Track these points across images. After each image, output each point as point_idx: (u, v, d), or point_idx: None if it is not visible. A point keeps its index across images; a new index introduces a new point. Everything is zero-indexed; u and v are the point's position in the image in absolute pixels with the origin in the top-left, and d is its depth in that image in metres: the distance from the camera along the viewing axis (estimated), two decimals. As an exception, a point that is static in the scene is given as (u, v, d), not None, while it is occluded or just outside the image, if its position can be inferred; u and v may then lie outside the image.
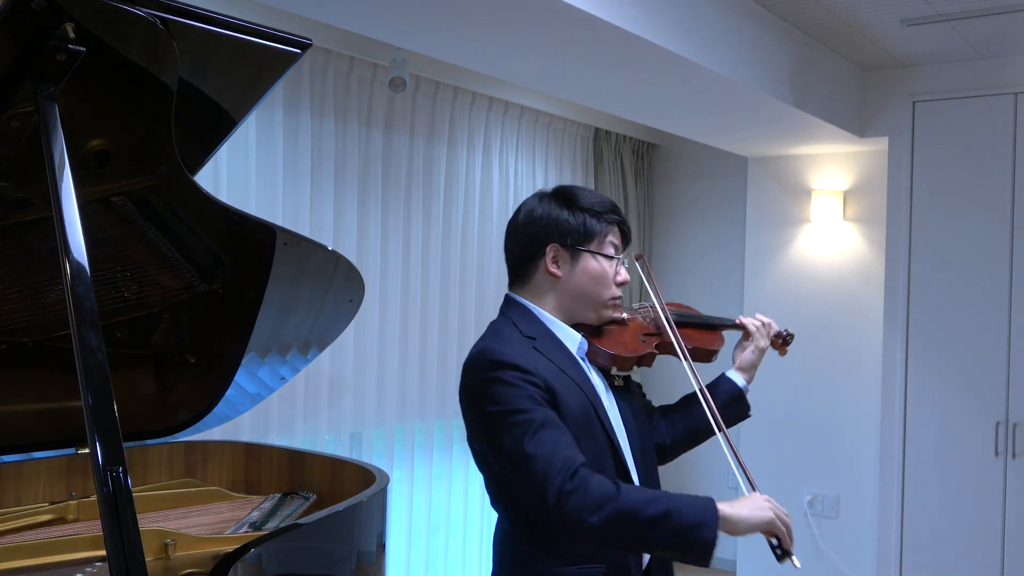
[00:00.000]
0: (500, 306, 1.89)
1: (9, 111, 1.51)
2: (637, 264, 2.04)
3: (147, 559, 1.67)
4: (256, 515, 2.35)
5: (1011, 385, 4.22)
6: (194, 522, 2.30)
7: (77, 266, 1.36)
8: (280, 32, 1.69)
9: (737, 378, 2.06)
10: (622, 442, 1.82)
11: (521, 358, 1.70)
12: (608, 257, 1.83)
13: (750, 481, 1.77)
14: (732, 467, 1.80)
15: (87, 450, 1.40)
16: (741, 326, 2.10)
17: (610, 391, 1.89)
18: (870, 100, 4.64)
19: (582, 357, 1.85)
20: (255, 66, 1.76)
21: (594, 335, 1.89)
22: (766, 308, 2.63)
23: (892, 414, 4.47)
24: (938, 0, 3.59)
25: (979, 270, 4.29)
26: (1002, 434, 4.23)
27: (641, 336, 1.94)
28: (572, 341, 1.84)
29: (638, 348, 1.90)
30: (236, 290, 2.19)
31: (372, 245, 3.84)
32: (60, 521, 2.25)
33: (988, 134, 4.29)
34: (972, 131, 4.33)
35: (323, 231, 3.62)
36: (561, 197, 1.84)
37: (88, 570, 1.93)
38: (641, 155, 5.54)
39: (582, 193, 1.85)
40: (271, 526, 2.26)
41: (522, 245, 1.84)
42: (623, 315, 1.95)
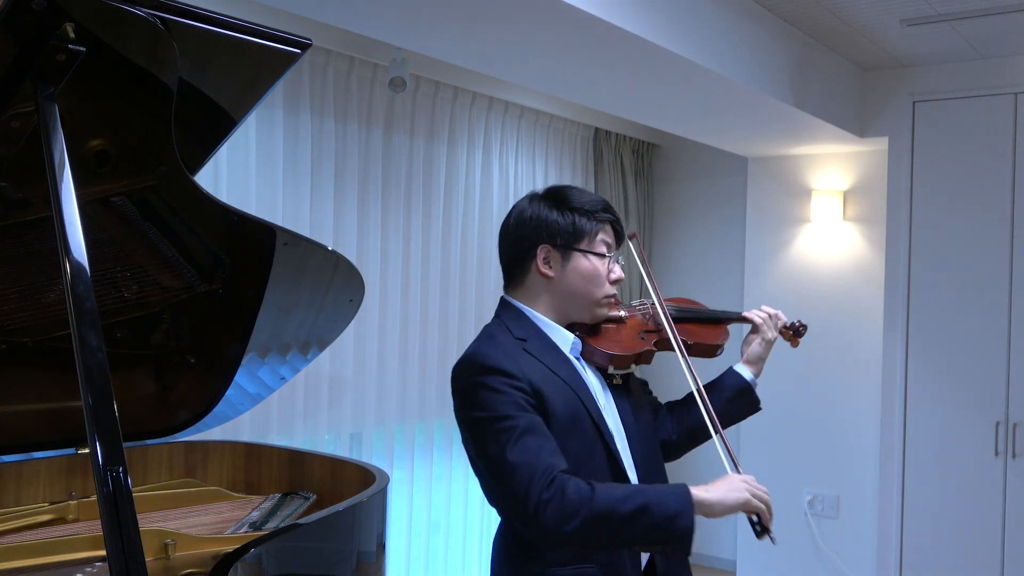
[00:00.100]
0: (496, 309, 1.89)
1: (9, 111, 1.51)
2: (631, 244, 2.02)
3: (147, 559, 1.67)
4: (256, 515, 2.35)
5: (1011, 385, 4.22)
6: (194, 522, 2.30)
7: (77, 266, 1.36)
8: (280, 32, 1.69)
9: (744, 372, 2.06)
10: (618, 441, 1.81)
11: (508, 362, 1.70)
12: (600, 255, 1.82)
13: (734, 461, 1.78)
14: (719, 450, 1.81)
15: (87, 450, 1.40)
16: (747, 319, 2.09)
17: (608, 390, 1.88)
18: (870, 100, 4.65)
19: (577, 357, 1.85)
20: (255, 66, 1.76)
21: (590, 334, 1.88)
22: (766, 308, 2.61)
23: (892, 414, 4.47)
24: (938, 0, 3.59)
25: (979, 270, 4.29)
26: (1002, 434, 4.23)
27: (640, 333, 1.93)
28: (565, 341, 1.83)
29: (635, 346, 1.90)
30: (236, 290, 2.19)
31: (372, 245, 3.84)
32: (60, 521, 2.25)
33: (988, 134, 4.29)
34: (972, 131, 4.33)
35: (323, 231, 3.61)
36: (551, 198, 1.84)
37: (88, 570, 1.93)
38: (641, 155, 5.54)
39: (572, 193, 1.85)
40: (271, 526, 2.26)
41: (513, 247, 1.85)
42: (620, 313, 1.94)
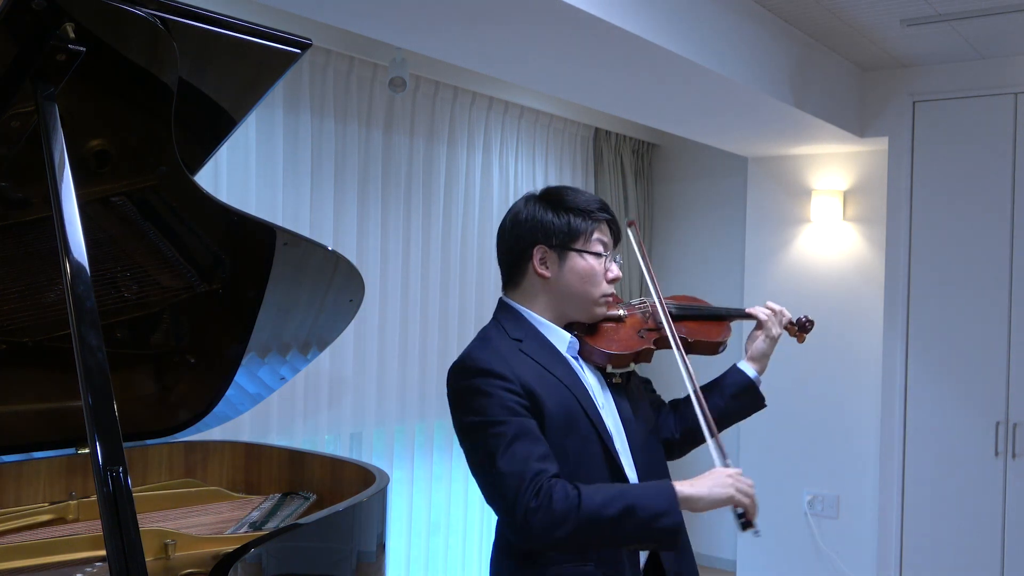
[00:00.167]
0: (494, 310, 1.90)
1: (9, 111, 1.51)
2: (629, 232, 2.02)
3: (147, 559, 1.67)
4: (256, 515, 2.35)
5: (1011, 385, 4.22)
6: (194, 522, 2.30)
7: (77, 266, 1.36)
8: (280, 32, 1.69)
9: (748, 369, 2.06)
10: (617, 441, 1.81)
11: (500, 364, 1.71)
12: (596, 254, 1.83)
13: (723, 453, 1.79)
14: (708, 443, 1.83)
15: (87, 450, 1.40)
16: (751, 316, 2.09)
17: (607, 389, 1.88)
18: (870, 100, 4.64)
19: (574, 356, 1.85)
20: (255, 66, 1.76)
21: (588, 333, 1.88)
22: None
23: (892, 414, 4.47)
24: (938, 0, 3.59)
25: (979, 270, 4.29)
26: (1002, 434, 4.23)
27: (639, 332, 1.93)
28: (561, 341, 1.84)
29: (634, 345, 1.89)
30: (236, 290, 2.19)
31: (372, 245, 3.84)
32: (60, 521, 2.25)
33: (988, 134, 4.29)
34: (972, 131, 4.33)
35: (323, 231, 3.61)
36: (546, 199, 1.85)
37: (88, 570, 1.93)
38: (641, 155, 5.54)
39: (567, 193, 1.86)
40: (271, 526, 2.26)
41: (510, 248, 1.86)
42: (620, 312, 1.94)
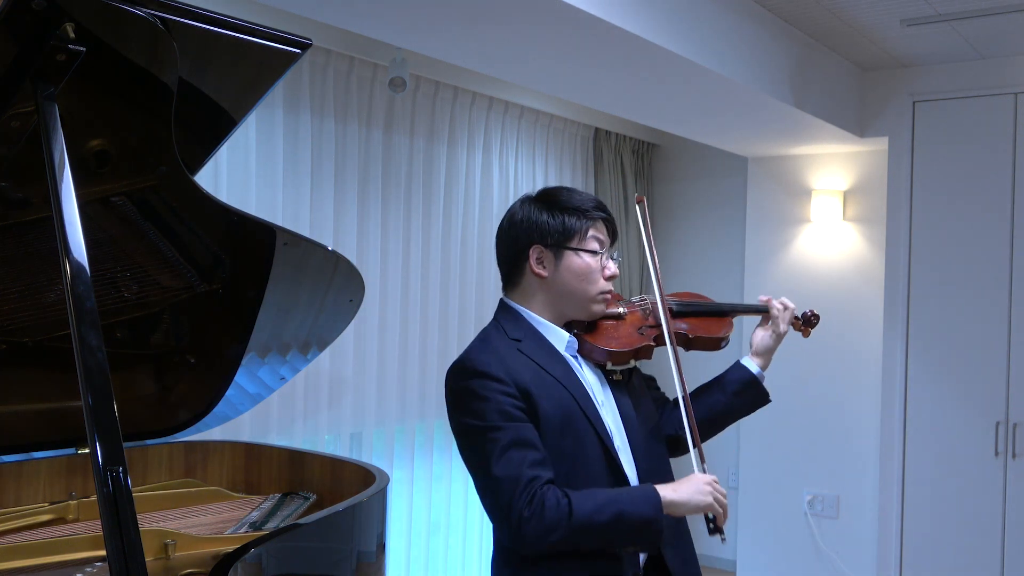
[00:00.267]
0: (495, 311, 1.91)
1: (9, 111, 1.51)
2: (636, 208, 2.04)
3: (147, 559, 1.66)
4: (256, 515, 2.35)
5: (1011, 385, 4.22)
6: (194, 522, 2.29)
7: (77, 266, 1.36)
8: (280, 32, 1.69)
9: (751, 364, 2.07)
10: (617, 438, 1.82)
11: (497, 366, 1.73)
12: (592, 252, 1.84)
13: (702, 460, 1.83)
14: (688, 445, 1.86)
15: (87, 450, 1.40)
16: (766, 306, 2.10)
17: (607, 387, 1.89)
18: (870, 100, 4.64)
19: (573, 355, 1.86)
20: (255, 66, 1.76)
21: (588, 331, 1.89)
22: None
23: (892, 414, 4.47)
24: (938, 0, 3.59)
25: (979, 270, 4.29)
26: (1002, 434, 4.23)
27: (640, 329, 1.94)
28: (560, 340, 1.86)
29: (633, 342, 1.90)
30: (236, 290, 2.19)
31: (372, 245, 3.84)
32: (60, 521, 2.24)
33: (988, 134, 4.29)
34: (972, 131, 4.33)
35: (323, 231, 3.61)
36: (542, 199, 1.87)
37: (88, 570, 1.92)
38: (641, 155, 5.54)
39: (563, 193, 1.88)
40: (271, 526, 2.26)
41: (508, 249, 1.88)
42: (619, 309, 1.95)
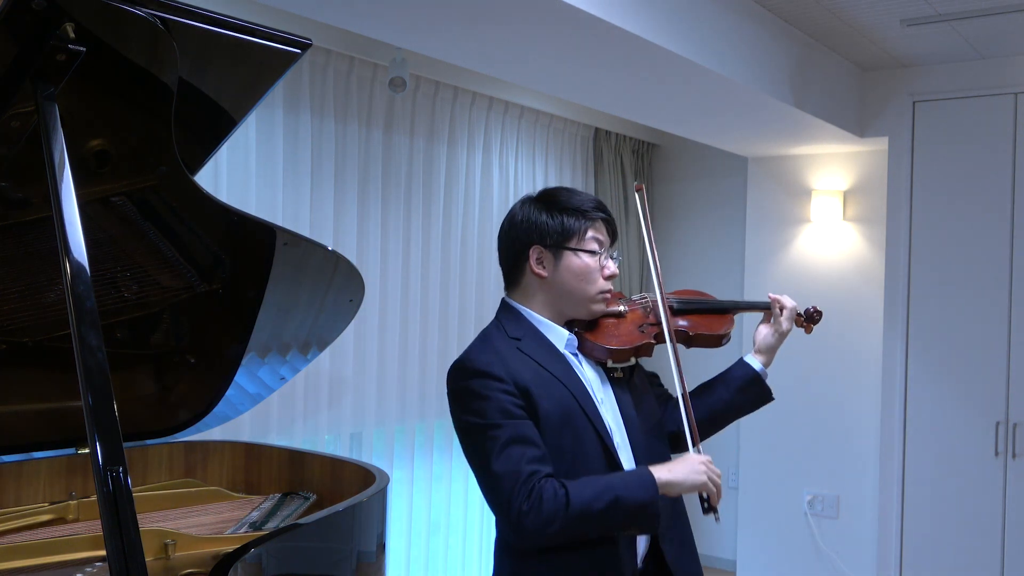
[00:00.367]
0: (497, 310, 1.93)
1: (9, 111, 1.51)
2: (636, 196, 2.06)
3: (147, 559, 1.66)
4: (256, 515, 2.35)
5: (1011, 385, 4.22)
6: (194, 522, 2.30)
7: (77, 266, 1.36)
8: (280, 32, 1.69)
9: (754, 362, 2.08)
10: (616, 435, 1.84)
11: (496, 365, 1.75)
12: (591, 252, 1.85)
13: (696, 443, 1.85)
14: (685, 427, 1.88)
15: (87, 450, 1.40)
16: (768, 303, 2.11)
17: (607, 384, 1.91)
18: (870, 100, 4.64)
19: (573, 353, 1.88)
20: (255, 66, 1.76)
21: (588, 329, 1.91)
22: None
23: (892, 414, 4.47)
24: (938, 0, 3.59)
25: (979, 270, 4.29)
26: (1002, 434, 4.23)
27: (640, 327, 1.95)
28: (559, 338, 1.87)
29: (634, 339, 1.91)
30: (236, 290, 2.19)
31: (372, 245, 3.84)
32: (60, 521, 2.24)
33: (988, 134, 4.29)
34: (972, 131, 4.32)
35: (323, 231, 3.61)
36: (541, 200, 1.89)
37: (88, 570, 1.92)
38: (641, 155, 5.54)
39: (563, 194, 1.90)
40: (271, 526, 2.26)
41: (509, 250, 1.90)
42: (620, 308, 1.96)
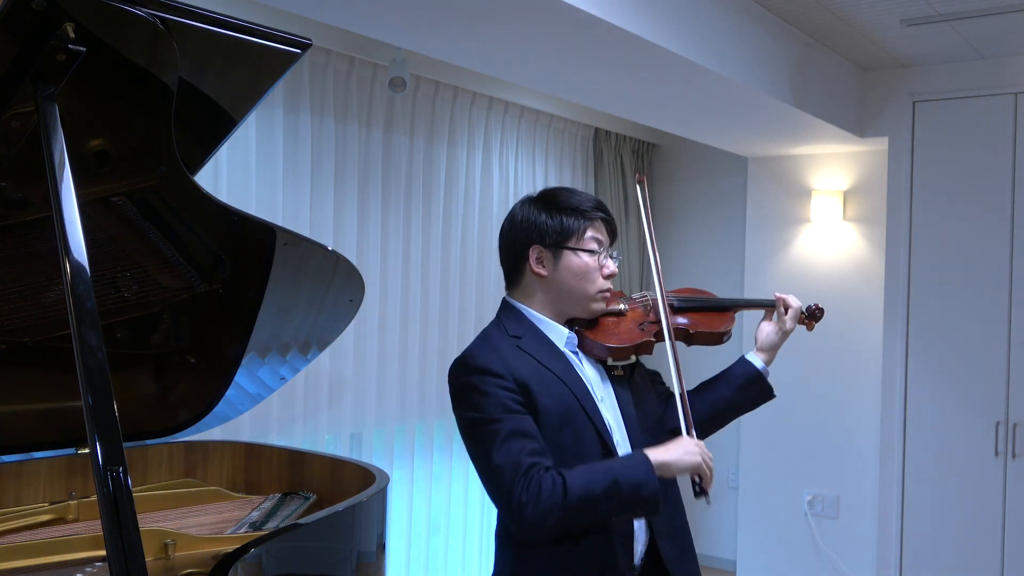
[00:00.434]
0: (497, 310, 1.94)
1: (9, 111, 1.51)
2: (637, 187, 2.07)
3: (147, 559, 1.66)
4: (256, 515, 2.35)
5: (1011, 385, 4.22)
6: (194, 522, 2.30)
7: (77, 266, 1.36)
8: (280, 32, 1.69)
9: (756, 360, 2.09)
10: (616, 433, 1.85)
11: (496, 362, 1.77)
12: (590, 252, 1.86)
13: (690, 428, 1.86)
14: (679, 413, 1.88)
15: (87, 450, 1.40)
16: (770, 301, 2.12)
17: (608, 382, 1.92)
18: (870, 100, 4.64)
19: (573, 351, 1.89)
20: (255, 66, 1.76)
21: (588, 327, 1.92)
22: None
23: (892, 414, 4.47)
24: (938, 0, 3.59)
25: (979, 270, 4.29)
26: (1002, 434, 4.23)
27: (640, 325, 1.96)
28: (559, 336, 1.89)
29: (634, 337, 1.92)
30: (236, 290, 2.19)
31: (372, 245, 3.84)
32: (60, 521, 2.24)
33: (988, 134, 4.29)
34: (972, 131, 4.32)
35: (323, 231, 3.61)
36: (541, 200, 1.90)
37: (88, 570, 1.92)
38: (641, 155, 5.54)
39: (562, 194, 1.91)
40: (271, 526, 2.26)
41: (509, 249, 1.92)
42: (621, 306, 1.97)
